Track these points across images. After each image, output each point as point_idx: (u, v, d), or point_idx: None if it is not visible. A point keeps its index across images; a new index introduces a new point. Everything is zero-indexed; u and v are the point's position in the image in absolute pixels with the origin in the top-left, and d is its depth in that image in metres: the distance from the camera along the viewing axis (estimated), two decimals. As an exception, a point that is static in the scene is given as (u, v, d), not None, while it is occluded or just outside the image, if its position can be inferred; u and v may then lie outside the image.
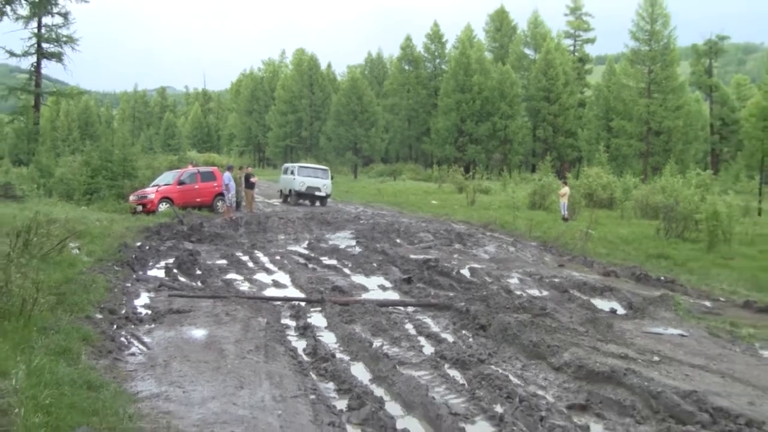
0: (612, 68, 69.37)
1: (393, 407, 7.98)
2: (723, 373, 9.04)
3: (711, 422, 7.33)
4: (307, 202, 38.38)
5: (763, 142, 35.36)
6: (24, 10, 40.88)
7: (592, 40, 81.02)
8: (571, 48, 79.65)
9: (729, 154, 65.29)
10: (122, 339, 9.85)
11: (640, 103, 59.14)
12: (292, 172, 39.27)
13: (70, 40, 43.36)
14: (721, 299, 15.03)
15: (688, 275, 17.81)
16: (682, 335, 11.32)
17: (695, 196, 26.15)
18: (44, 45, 43.33)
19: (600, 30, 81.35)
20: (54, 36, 43.18)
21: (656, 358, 9.61)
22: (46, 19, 43.06)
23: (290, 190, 38.84)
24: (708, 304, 14.39)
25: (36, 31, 42.90)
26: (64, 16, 43.08)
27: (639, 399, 8.06)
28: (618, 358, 9.44)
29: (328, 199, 39.39)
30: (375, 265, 17.86)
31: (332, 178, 41.06)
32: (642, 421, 7.66)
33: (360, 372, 9.23)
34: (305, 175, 38.59)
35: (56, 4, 42.43)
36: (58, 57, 43.58)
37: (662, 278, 17.07)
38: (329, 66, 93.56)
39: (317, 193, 38.08)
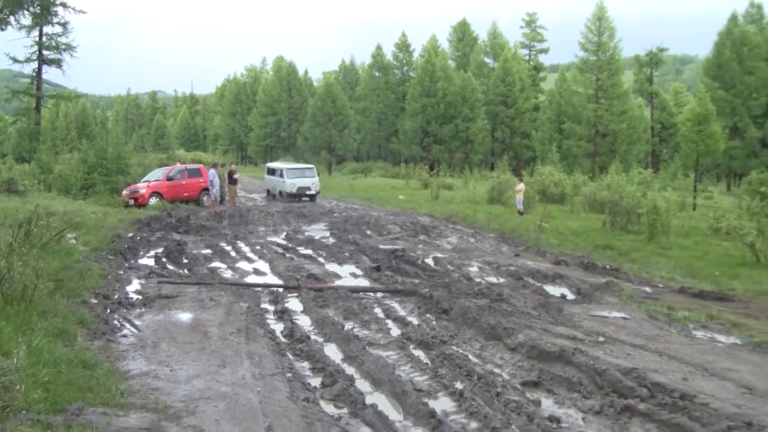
0: (563, 76, 69.72)
1: (362, 384, 8.00)
2: (660, 352, 9.15)
3: (649, 396, 7.43)
4: (294, 200, 35.23)
5: (697, 144, 35.71)
6: (27, 20, 41.97)
7: (545, 50, 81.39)
8: (527, 57, 79.89)
9: (667, 154, 65.84)
10: (115, 322, 9.85)
11: (589, 108, 59.58)
12: (281, 174, 36.38)
13: (69, 47, 43.75)
14: (660, 285, 15.20)
15: (631, 264, 18.00)
16: (625, 318, 11.44)
17: (637, 192, 26.35)
18: (45, 52, 43.64)
19: (552, 41, 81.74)
20: (54, 44, 43.52)
21: (601, 339, 9.71)
22: (47, 29, 43.49)
23: (280, 192, 36.25)
24: (648, 289, 14.54)
25: (38, 39, 43.21)
26: (64, 26, 43.54)
27: (585, 376, 8.14)
28: (567, 339, 9.52)
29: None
30: (347, 254, 17.86)
31: (318, 175, 38.53)
32: (588, 395, 7.75)
33: (333, 352, 9.25)
34: (294, 177, 35.85)
35: (56, 15, 42.89)
36: (57, 63, 43.92)
37: (608, 266, 17.22)
38: (306, 72, 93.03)
39: (308, 192, 35.56)
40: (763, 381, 8.07)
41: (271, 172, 38.72)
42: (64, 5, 42.38)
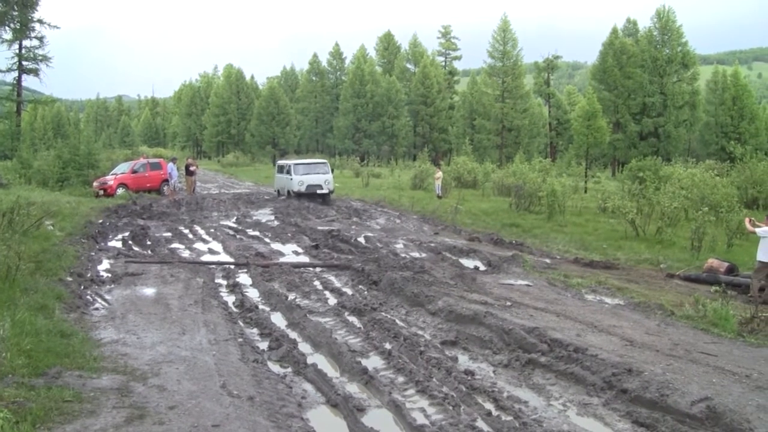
0: (474, 79, 70.47)
1: (304, 347, 7.99)
2: (558, 313, 9.37)
3: (549, 350, 7.61)
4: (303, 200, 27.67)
5: (587, 137, 36.61)
6: (8, 35, 41.67)
7: (458, 58, 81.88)
8: (443, 63, 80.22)
9: (563, 146, 67.22)
10: (88, 297, 9.75)
11: (496, 107, 60.43)
12: (288, 171, 28.82)
13: (45, 58, 43.40)
14: (557, 257, 15.56)
15: (533, 239, 18.35)
16: (528, 285, 11.67)
17: (538, 178, 26.86)
18: (24, 63, 43.15)
19: (465, 49, 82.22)
20: (32, 55, 43.11)
21: (509, 303, 9.88)
22: (26, 42, 42.94)
23: (288, 191, 28.52)
24: (548, 261, 14.85)
25: (17, 51, 42.82)
26: (40, 39, 43.17)
27: (495, 335, 8.28)
28: (479, 304, 9.65)
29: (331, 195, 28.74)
30: (289, 235, 17.72)
31: (332, 171, 30.53)
32: (498, 351, 7.89)
33: (278, 320, 9.20)
34: (303, 173, 28.23)
35: (33, 30, 42.56)
36: (35, 72, 43.51)
37: (514, 242, 17.51)
38: (252, 78, 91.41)
39: (319, 191, 27.66)
40: (641, 335, 8.35)
41: (281, 169, 30.29)
42: (40, 21, 42.40)
